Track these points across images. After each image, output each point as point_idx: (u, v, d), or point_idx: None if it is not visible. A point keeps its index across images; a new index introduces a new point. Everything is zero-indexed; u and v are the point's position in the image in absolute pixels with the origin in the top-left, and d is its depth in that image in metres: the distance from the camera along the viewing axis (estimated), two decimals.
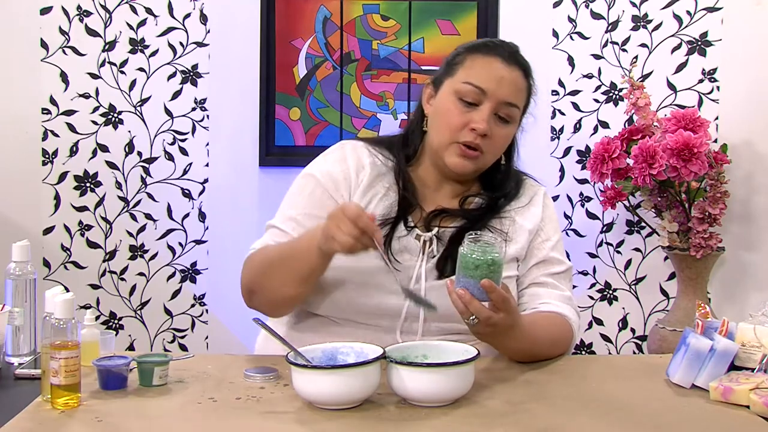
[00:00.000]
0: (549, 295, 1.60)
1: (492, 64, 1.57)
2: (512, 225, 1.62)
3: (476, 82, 1.55)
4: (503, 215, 1.62)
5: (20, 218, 2.71)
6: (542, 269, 1.62)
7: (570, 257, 2.66)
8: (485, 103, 1.55)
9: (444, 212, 1.60)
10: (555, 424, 1.21)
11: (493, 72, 1.56)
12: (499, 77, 1.55)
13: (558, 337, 1.56)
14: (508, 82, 1.56)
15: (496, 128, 1.56)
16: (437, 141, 1.59)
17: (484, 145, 1.55)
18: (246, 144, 2.72)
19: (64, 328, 1.26)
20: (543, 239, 1.64)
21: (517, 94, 1.58)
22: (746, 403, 1.28)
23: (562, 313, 1.57)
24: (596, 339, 2.74)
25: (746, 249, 2.65)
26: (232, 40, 2.71)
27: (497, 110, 1.55)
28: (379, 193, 1.60)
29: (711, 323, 1.44)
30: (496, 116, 1.56)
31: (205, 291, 2.75)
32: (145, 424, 1.22)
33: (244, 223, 2.62)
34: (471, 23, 2.70)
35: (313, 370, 1.26)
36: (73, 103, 2.71)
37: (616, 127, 2.65)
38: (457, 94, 1.56)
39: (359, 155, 1.63)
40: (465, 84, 1.56)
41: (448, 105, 1.57)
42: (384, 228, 1.55)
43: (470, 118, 1.54)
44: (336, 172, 1.60)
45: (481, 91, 1.55)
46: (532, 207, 1.65)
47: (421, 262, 1.55)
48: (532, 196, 1.67)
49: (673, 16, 2.65)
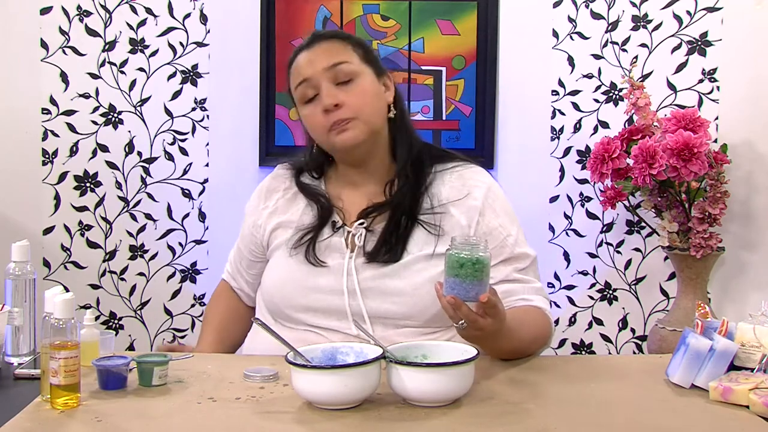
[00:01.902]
0: (522, 290, 1.61)
1: (301, 58, 1.65)
2: (449, 219, 1.61)
3: (299, 78, 1.63)
4: (436, 210, 1.62)
5: (20, 218, 2.71)
6: (509, 266, 1.62)
7: (570, 257, 2.66)
8: (319, 85, 1.61)
9: (372, 209, 1.64)
10: (555, 424, 1.21)
11: (305, 61, 1.64)
12: (309, 61, 1.63)
13: (539, 332, 1.58)
14: (318, 56, 1.63)
15: (345, 92, 1.60)
16: (321, 142, 1.67)
17: (346, 111, 1.59)
18: (246, 144, 2.72)
19: (64, 328, 1.27)
20: (504, 236, 1.62)
21: (334, 54, 1.63)
22: (746, 403, 1.28)
23: (538, 306, 1.60)
24: (596, 339, 2.74)
25: (746, 249, 2.65)
26: (232, 40, 2.71)
27: (332, 80, 1.61)
28: (300, 205, 1.70)
29: (711, 323, 1.44)
30: (338, 86, 1.61)
31: (205, 291, 2.75)
32: (145, 424, 1.22)
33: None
34: (471, 23, 2.70)
35: (313, 370, 1.27)
36: (73, 103, 2.71)
37: (616, 127, 2.65)
38: (302, 100, 1.64)
39: (278, 182, 1.76)
40: (297, 88, 1.64)
41: (303, 112, 1.66)
42: (307, 236, 1.64)
43: (320, 106, 1.60)
44: (252, 208, 1.78)
45: (306, 80, 1.62)
46: (470, 200, 1.63)
47: (349, 258, 1.59)
48: (471, 189, 1.65)
49: (673, 16, 2.65)
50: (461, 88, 2.70)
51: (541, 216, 2.69)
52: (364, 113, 1.60)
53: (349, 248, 1.61)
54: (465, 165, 1.70)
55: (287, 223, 1.68)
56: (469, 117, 2.71)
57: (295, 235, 1.65)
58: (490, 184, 1.67)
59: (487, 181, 1.67)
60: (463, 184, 1.65)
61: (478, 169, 1.71)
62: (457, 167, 1.68)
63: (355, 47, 1.65)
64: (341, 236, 1.62)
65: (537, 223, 2.66)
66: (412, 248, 1.58)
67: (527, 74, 2.70)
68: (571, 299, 2.73)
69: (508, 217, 1.65)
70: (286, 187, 1.73)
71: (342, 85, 1.60)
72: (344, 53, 1.63)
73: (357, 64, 1.62)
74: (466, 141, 2.71)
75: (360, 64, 1.63)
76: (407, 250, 1.58)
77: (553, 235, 2.72)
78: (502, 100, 2.70)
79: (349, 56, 1.63)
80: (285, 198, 1.72)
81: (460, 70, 2.70)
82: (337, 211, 1.66)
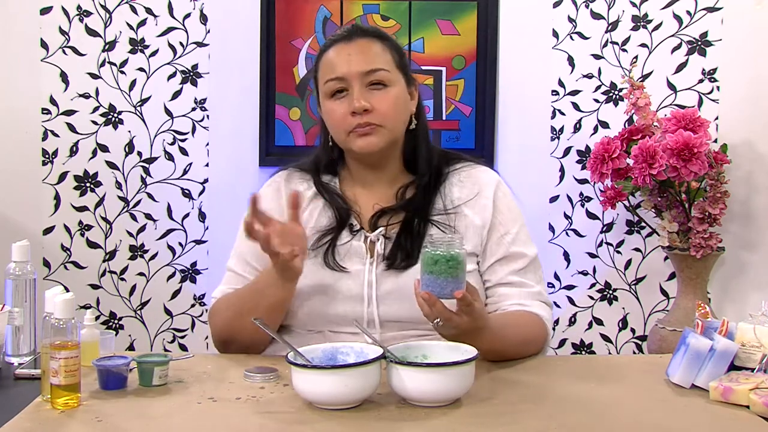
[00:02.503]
0: (518, 295, 1.59)
1: (336, 51, 1.61)
2: (462, 219, 1.62)
3: (332, 74, 1.60)
4: (450, 210, 1.62)
5: (20, 218, 2.71)
6: (506, 267, 1.61)
7: (570, 257, 2.65)
8: (351, 86, 1.58)
9: (384, 212, 1.62)
10: (555, 424, 1.21)
11: (340, 56, 1.60)
12: (346, 57, 1.59)
13: (529, 337, 1.57)
14: (356, 55, 1.59)
15: (375, 97, 1.58)
16: (339, 140, 1.63)
17: (373, 117, 1.57)
18: (246, 144, 2.72)
19: (64, 328, 1.27)
20: (501, 234, 1.62)
21: (374, 58, 1.60)
22: (746, 403, 1.28)
23: (533, 312, 1.58)
24: (596, 339, 2.74)
25: (746, 249, 2.65)
26: (232, 40, 2.71)
27: (365, 83, 1.58)
28: (318, 207, 1.65)
29: (711, 323, 1.44)
30: (370, 88, 1.58)
31: (205, 291, 2.75)
32: (145, 424, 1.22)
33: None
34: (471, 23, 2.70)
35: (313, 370, 1.27)
36: (73, 103, 2.71)
37: (616, 127, 2.65)
38: (328, 94, 1.61)
39: (293, 184, 1.69)
40: (326, 84, 1.60)
41: (328, 106, 1.62)
42: (326, 238, 1.61)
43: (348, 105, 1.58)
44: (272, 208, 1.63)
45: (339, 79, 1.58)
46: (482, 199, 1.64)
47: (371, 266, 1.58)
48: (482, 187, 1.65)
49: (673, 16, 2.65)
50: (461, 88, 2.71)
51: (541, 216, 2.69)
52: (390, 122, 1.60)
53: (368, 254, 1.59)
54: (473, 165, 1.71)
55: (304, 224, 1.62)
56: (469, 117, 2.71)
57: (313, 236, 1.62)
58: (499, 182, 1.68)
59: (496, 179, 1.68)
60: (473, 183, 1.66)
61: (486, 168, 1.71)
62: (465, 167, 1.69)
63: (392, 51, 1.63)
64: (360, 240, 1.61)
65: (537, 223, 2.66)
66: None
67: (527, 74, 2.70)
68: (571, 299, 2.73)
69: (511, 214, 1.65)
70: (306, 188, 1.69)
71: (373, 89, 1.58)
72: (382, 58, 1.60)
73: (392, 71, 1.60)
74: (466, 141, 2.71)
75: (395, 71, 1.61)
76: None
77: (553, 235, 2.72)
78: (502, 100, 2.70)
79: (386, 62, 1.60)
80: (307, 198, 1.67)
81: (460, 70, 2.70)
82: (354, 214, 1.64)
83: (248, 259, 1.65)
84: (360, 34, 1.62)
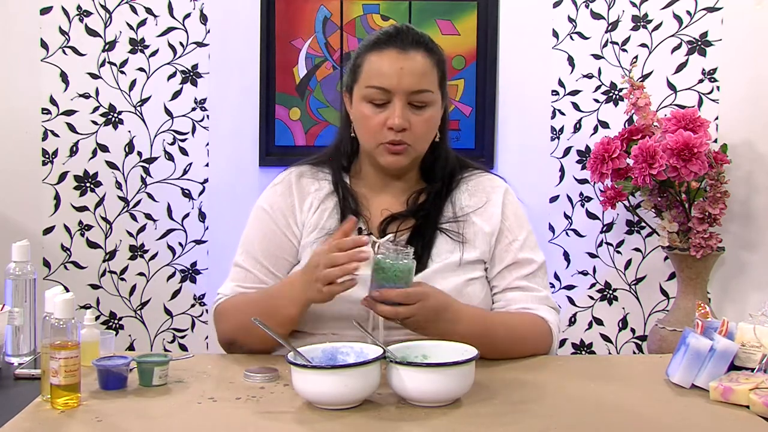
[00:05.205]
0: (525, 299, 1.61)
1: (388, 59, 1.57)
2: (471, 227, 1.62)
3: (378, 83, 1.56)
4: (459, 218, 1.63)
5: (20, 218, 2.71)
6: (514, 272, 1.62)
7: (570, 257, 2.65)
8: (394, 99, 1.56)
9: (394, 217, 1.62)
10: (554, 424, 1.22)
11: (392, 67, 1.56)
12: (398, 70, 1.55)
13: (526, 333, 1.57)
14: (409, 71, 1.55)
15: (414, 117, 1.57)
16: (366, 145, 1.62)
17: (408, 137, 1.57)
18: (246, 144, 2.72)
19: (64, 328, 1.27)
20: (510, 240, 1.63)
21: (422, 79, 1.57)
22: (746, 403, 1.28)
23: (538, 314, 1.59)
24: (596, 339, 2.74)
25: (746, 249, 2.65)
26: (232, 40, 2.71)
27: (408, 101, 1.56)
28: (328, 209, 1.64)
29: (711, 323, 1.44)
30: (411, 105, 1.57)
31: (205, 291, 2.75)
32: (145, 424, 1.22)
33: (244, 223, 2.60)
34: (471, 23, 2.70)
35: (313, 370, 1.27)
36: (73, 103, 2.71)
37: (616, 127, 2.65)
38: (366, 98, 1.58)
39: (303, 183, 1.68)
40: (369, 88, 1.57)
41: (363, 110, 1.59)
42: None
43: (386, 117, 1.56)
44: (285, 206, 1.64)
45: (384, 90, 1.56)
46: (490, 207, 1.65)
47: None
48: (490, 195, 1.66)
49: (673, 16, 2.65)
50: (461, 88, 2.71)
51: (541, 216, 2.69)
52: (421, 144, 1.60)
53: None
54: (482, 172, 1.72)
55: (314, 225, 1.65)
56: (469, 117, 2.71)
57: (320, 237, 1.61)
58: (507, 189, 1.69)
59: (504, 187, 1.69)
60: (482, 191, 1.67)
61: (495, 176, 1.73)
62: (474, 175, 1.70)
63: (437, 67, 1.61)
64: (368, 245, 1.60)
65: (537, 223, 2.64)
66: (436, 257, 1.59)
67: (527, 74, 2.70)
68: (571, 299, 2.73)
69: (518, 221, 1.66)
70: (317, 189, 1.68)
71: (414, 106, 1.57)
72: (430, 78, 1.58)
73: (435, 91, 1.59)
74: (466, 141, 2.71)
75: (437, 91, 1.60)
76: (432, 259, 1.58)
77: (553, 235, 2.72)
78: (502, 100, 2.70)
79: (431, 83, 1.58)
80: (317, 199, 1.67)
81: (460, 70, 2.70)
82: (364, 219, 1.64)
83: (258, 257, 1.64)
84: (414, 45, 1.58)
